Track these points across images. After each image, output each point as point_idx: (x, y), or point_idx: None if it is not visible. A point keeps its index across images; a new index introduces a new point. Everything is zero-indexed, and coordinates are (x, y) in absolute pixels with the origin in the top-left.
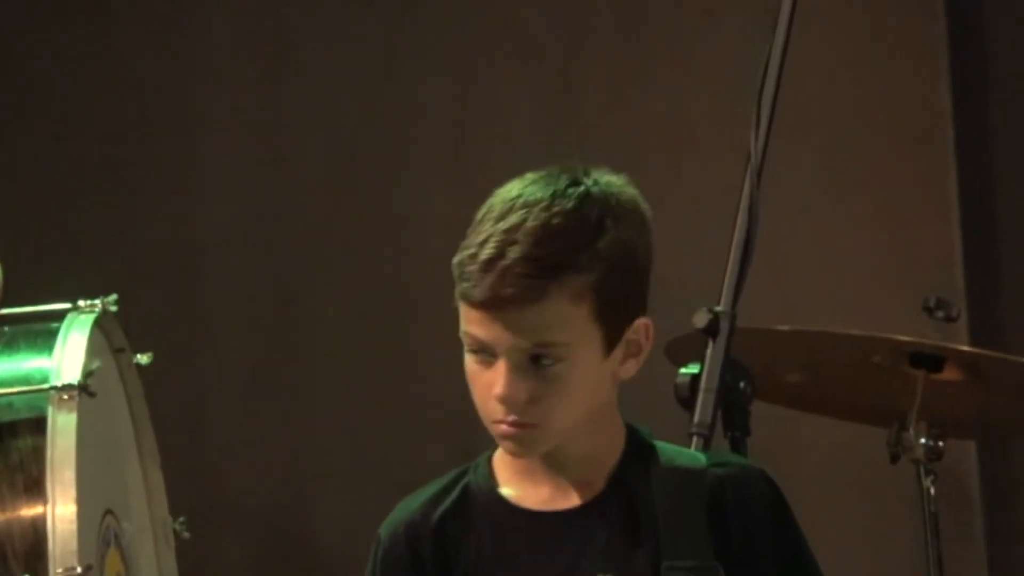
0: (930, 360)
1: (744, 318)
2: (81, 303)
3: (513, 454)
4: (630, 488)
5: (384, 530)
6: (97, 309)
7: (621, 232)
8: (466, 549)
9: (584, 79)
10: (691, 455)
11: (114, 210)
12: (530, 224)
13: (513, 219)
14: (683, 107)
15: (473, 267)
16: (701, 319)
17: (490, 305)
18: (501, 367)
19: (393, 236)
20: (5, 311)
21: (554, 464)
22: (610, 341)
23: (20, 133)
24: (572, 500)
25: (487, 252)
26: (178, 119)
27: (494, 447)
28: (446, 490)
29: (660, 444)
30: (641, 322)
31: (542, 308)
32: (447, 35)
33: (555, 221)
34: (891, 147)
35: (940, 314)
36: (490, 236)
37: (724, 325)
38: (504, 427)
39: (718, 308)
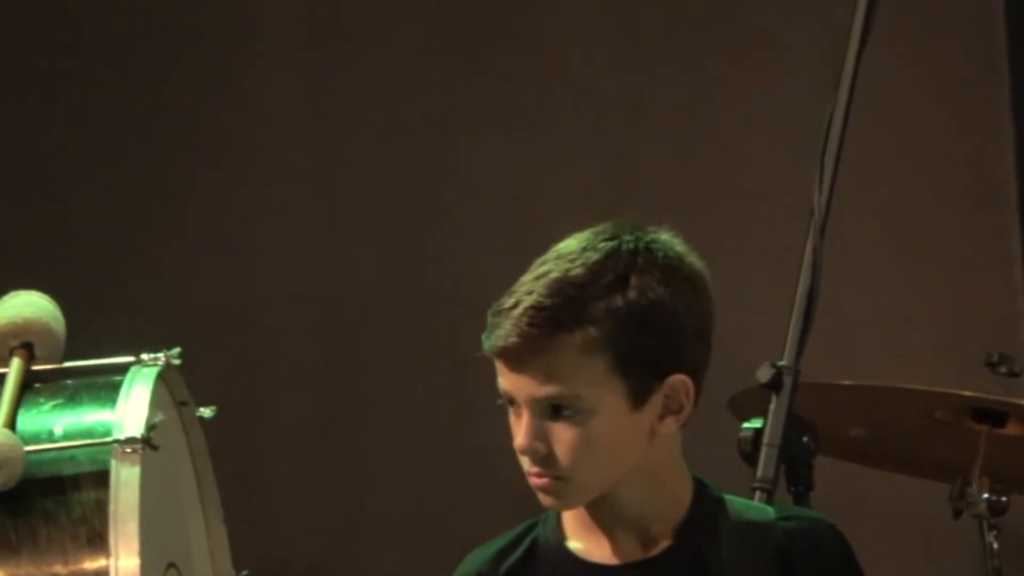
0: (993, 415)
1: (807, 373)
2: (144, 356)
3: (547, 506)
4: (696, 542)
5: None
6: (160, 362)
7: (647, 289)
8: None
9: (647, 139)
10: (760, 508)
11: (176, 266)
12: (551, 275)
13: (541, 270)
14: (746, 165)
15: (492, 317)
16: (764, 374)
17: (500, 355)
18: (525, 417)
19: (453, 294)
20: (68, 364)
21: (615, 518)
22: (637, 396)
23: (84, 191)
24: (638, 554)
25: (506, 302)
26: (240, 175)
27: None
28: (515, 543)
29: (730, 498)
30: (678, 378)
31: (550, 359)
32: (510, 95)
33: (573, 272)
34: (954, 203)
35: (1003, 369)
36: (519, 286)
37: (787, 380)
38: (533, 479)
39: (781, 363)
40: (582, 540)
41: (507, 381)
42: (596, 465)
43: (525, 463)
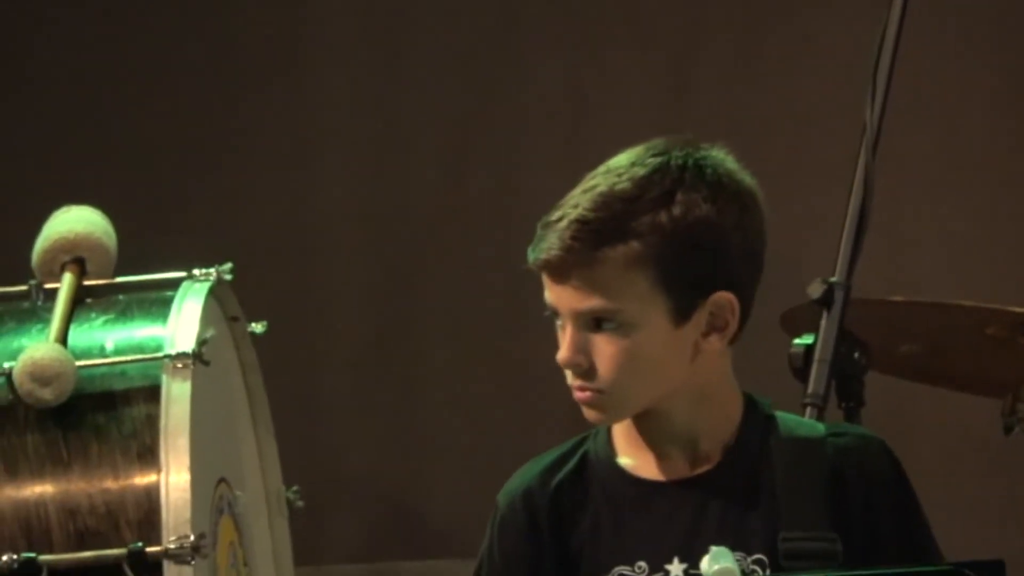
0: None
1: (860, 289)
2: (196, 272)
3: (590, 420)
4: (747, 458)
5: (503, 497)
6: (212, 278)
7: (693, 205)
8: (582, 518)
9: (700, 58)
10: (810, 425)
11: (231, 184)
12: (598, 189)
13: (589, 184)
14: (799, 83)
15: (540, 230)
16: (816, 290)
17: (543, 267)
18: (568, 331)
19: (506, 214)
20: (120, 279)
21: (665, 435)
22: (680, 312)
23: (140, 107)
24: (688, 471)
25: (553, 215)
26: (295, 95)
27: None
28: (565, 458)
29: (780, 414)
30: (723, 296)
31: (593, 272)
32: (563, 16)
33: (620, 187)
34: (1007, 122)
35: None
36: (567, 200)
37: (839, 296)
38: (576, 393)
39: (833, 279)
40: (632, 456)
41: (551, 294)
42: (637, 379)
43: (569, 377)
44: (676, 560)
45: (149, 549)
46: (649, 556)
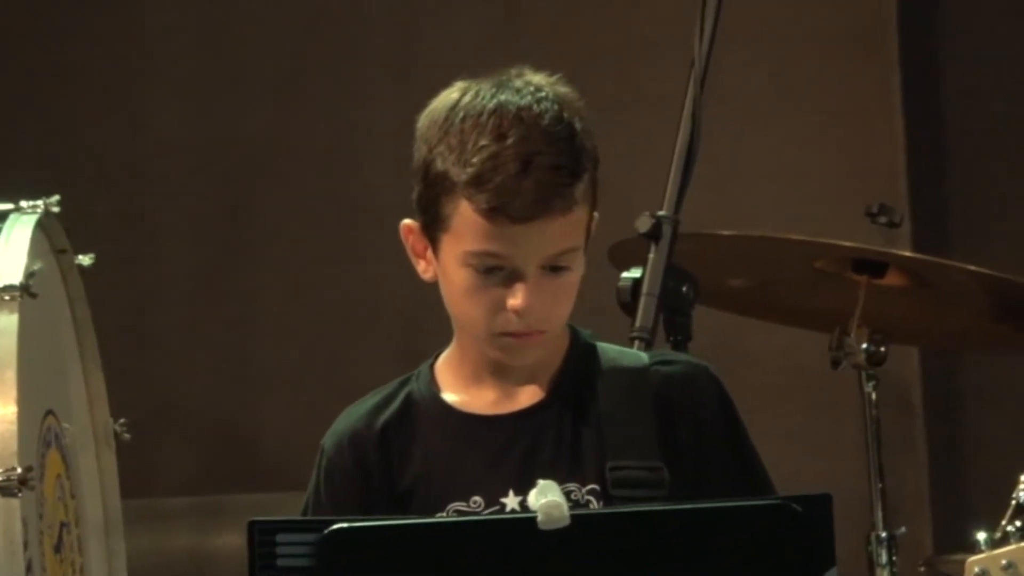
0: (873, 266)
1: (688, 223)
2: (23, 204)
3: (514, 363)
4: (575, 389)
5: (328, 440)
6: (39, 210)
7: (587, 128)
8: (413, 457)
9: None
10: (633, 355)
11: (59, 112)
12: (537, 134)
13: (519, 130)
14: (632, 13)
15: (500, 181)
16: (643, 224)
17: (529, 216)
18: (523, 279)
19: (340, 143)
20: None
21: (502, 369)
22: (588, 233)
23: None
24: (518, 403)
25: (514, 165)
26: (125, 21)
27: (435, 355)
28: (388, 399)
29: (602, 345)
30: (596, 214)
31: (567, 214)
32: None
33: (554, 128)
34: (837, 56)
35: (883, 220)
36: (503, 149)
37: (667, 230)
38: (512, 338)
39: (661, 213)
40: (460, 393)
41: (512, 246)
42: (567, 314)
43: (509, 324)
44: (511, 493)
45: None
46: (484, 491)
